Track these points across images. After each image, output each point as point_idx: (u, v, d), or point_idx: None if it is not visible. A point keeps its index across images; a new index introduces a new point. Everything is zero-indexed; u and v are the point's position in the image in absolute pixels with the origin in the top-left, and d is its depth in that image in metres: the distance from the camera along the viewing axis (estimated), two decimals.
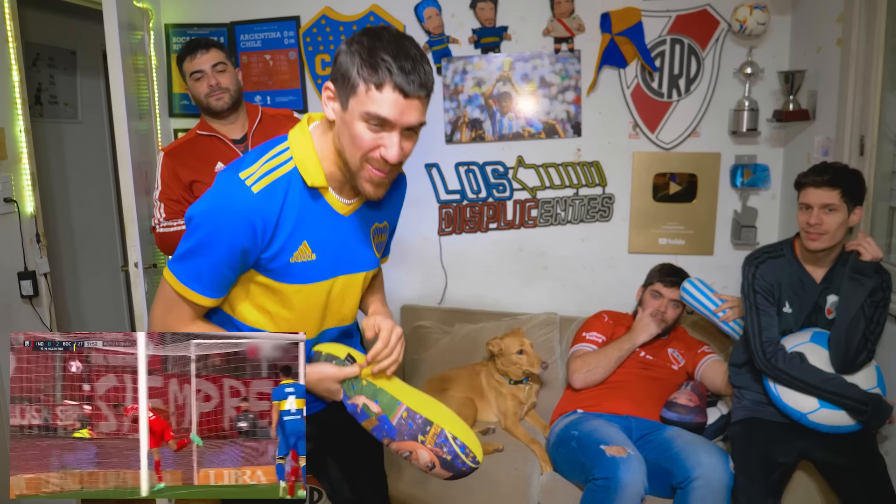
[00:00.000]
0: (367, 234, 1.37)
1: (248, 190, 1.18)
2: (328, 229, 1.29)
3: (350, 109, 1.14)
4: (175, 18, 3.02)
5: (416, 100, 1.13)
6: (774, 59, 2.70)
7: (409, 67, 1.10)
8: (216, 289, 1.26)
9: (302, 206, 1.24)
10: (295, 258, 1.25)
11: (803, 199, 2.02)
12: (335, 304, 1.37)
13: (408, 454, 1.33)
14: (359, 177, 1.20)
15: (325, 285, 1.32)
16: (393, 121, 1.13)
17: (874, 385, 2.00)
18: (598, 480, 1.97)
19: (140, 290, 2.48)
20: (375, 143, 1.15)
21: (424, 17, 2.84)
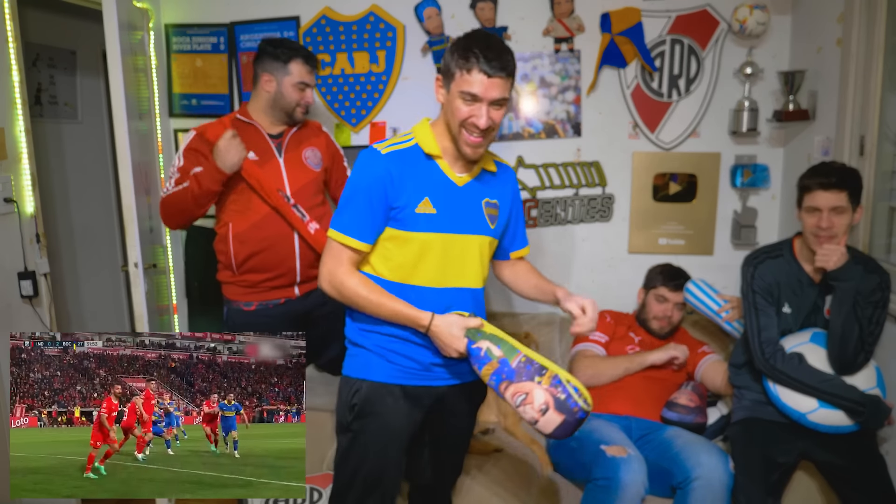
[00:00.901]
0: (479, 205, 1.67)
1: (378, 152, 1.60)
2: (446, 192, 1.62)
3: (451, 91, 1.55)
4: (175, 18, 3.02)
5: (497, 79, 1.50)
6: (774, 59, 2.70)
7: (491, 56, 1.48)
8: (366, 233, 1.59)
9: (421, 169, 1.61)
10: (419, 209, 1.59)
11: (811, 202, 1.98)
12: (456, 262, 1.64)
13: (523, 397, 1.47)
14: (460, 141, 1.58)
15: (445, 238, 1.62)
16: (481, 95, 1.51)
17: (874, 385, 2.00)
18: (599, 480, 1.97)
19: (140, 290, 2.48)
20: (469, 114, 1.53)
21: (424, 18, 2.84)
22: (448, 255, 1.63)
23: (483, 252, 1.70)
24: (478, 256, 1.68)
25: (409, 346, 1.66)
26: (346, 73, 2.95)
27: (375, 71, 2.93)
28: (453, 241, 1.63)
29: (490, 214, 1.70)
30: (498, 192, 1.73)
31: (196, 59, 3.03)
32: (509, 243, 1.84)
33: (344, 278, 1.60)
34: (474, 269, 1.68)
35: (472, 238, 1.66)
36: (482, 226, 1.68)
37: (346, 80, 2.95)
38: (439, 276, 1.63)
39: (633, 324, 2.59)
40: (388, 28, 2.89)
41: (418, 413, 1.70)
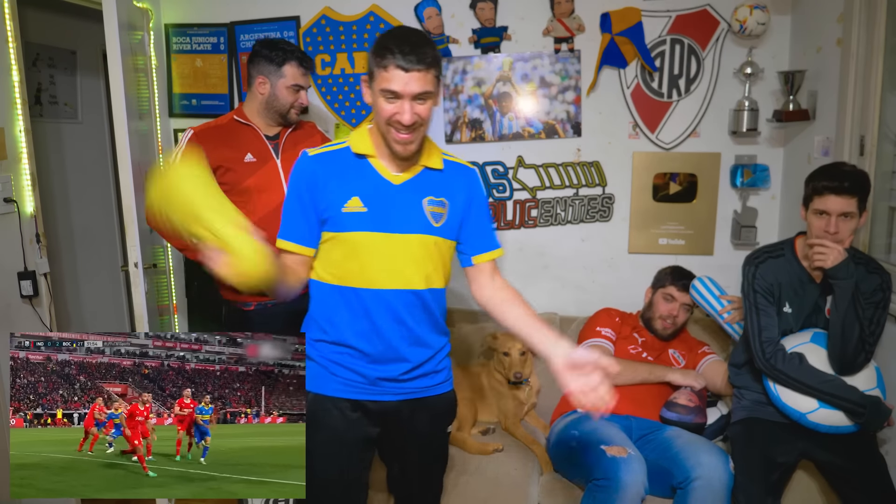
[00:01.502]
0: (419, 203, 1.61)
1: (306, 155, 1.62)
2: (378, 191, 1.59)
3: (374, 91, 1.52)
4: (175, 18, 3.02)
5: (416, 73, 1.45)
6: (774, 59, 2.70)
7: (407, 50, 1.44)
8: (303, 237, 1.60)
9: (350, 168, 1.60)
10: (346, 209, 1.56)
11: (821, 205, 1.96)
12: (396, 262, 1.59)
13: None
14: (389, 139, 1.54)
15: (380, 237, 1.58)
16: (400, 91, 1.47)
17: (874, 386, 1.99)
18: (599, 481, 1.97)
19: (140, 290, 2.48)
20: (393, 111, 1.49)
21: (424, 17, 2.84)
22: (385, 254, 1.58)
23: (430, 252, 1.62)
24: (421, 256, 1.61)
25: (356, 360, 1.62)
26: (346, 73, 2.95)
27: None
28: (390, 240, 1.58)
29: (433, 212, 1.62)
30: (446, 191, 1.64)
31: (196, 59, 3.03)
32: (470, 247, 1.71)
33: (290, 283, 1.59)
34: (415, 269, 1.61)
35: (412, 237, 1.59)
36: (423, 224, 1.60)
37: (346, 80, 2.95)
38: (379, 276, 1.58)
39: (636, 324, 2.59)
40: (389, 28, 2.89)
41: (368, 426, 1.65)
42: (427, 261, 1.62)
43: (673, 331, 2.52)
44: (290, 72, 2.24)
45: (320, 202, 1.58)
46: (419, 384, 1.67)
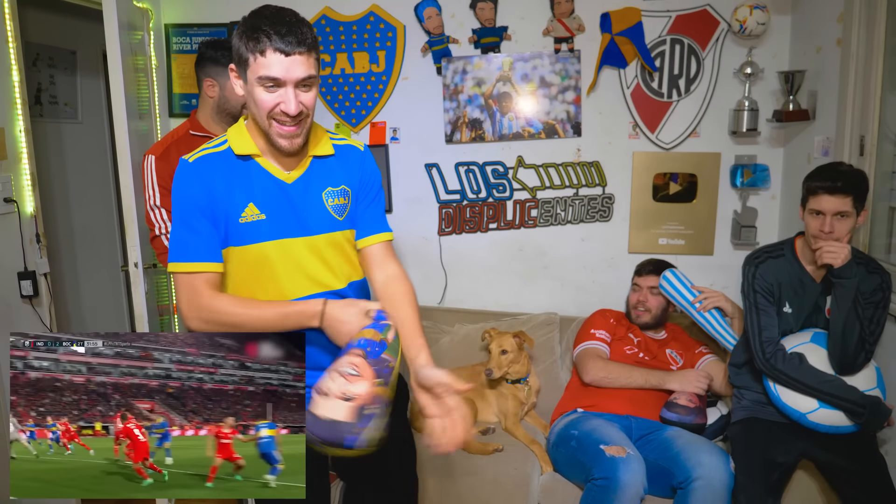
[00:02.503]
0: (318, 198, 1.47)
1: (186, 162, 1.42)
2: (273, 193, 1.43)
3: (249, 80, 1.34)
4: (175, 18, 3.02)
5: (297, 56, 1.30)
6: (774, 59, 2.70)
7: (284, 31, 1.29)
8: (205, 252, 1.39)
9: (238, 172, 1.42)
10: (244, 218, 1.40)
11: (815, 205, 1.97)
12: (306, 268, 1.46)
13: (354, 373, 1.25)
14: (271, 136, 1.38)
15: (283, 244, 1.43)
16: (282, 78, 1.31)
17: (874, 386, 1.99)
18: (598, 480, 1.97)
19: (140, 290, 2.48)
20: (275, 102, 1.33)
21: (424, 17, 2.84)
22: (292, 262, 1.44)
23: (341, 248, 1.51)
24: (334, 255, 1.49)
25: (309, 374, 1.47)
26: (346, 73, 2.95)
27: (375, 71, 2.93)
28: (293, 245, 1.44)
29: (336, 205, 1.49)
30: (343, 177, 1.51)
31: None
32: (361, 229, 1.55)
33: (209, 304, 1.38)
34: (334, 269, 1.49)
35: (317, 239, 1.46)
36: (327, 221, 1.47)
37: (346, 80, 2.95)
38: (293, 286, 1.45)
39: (630, 325, 2.59)
40: (389, 28, 2.89)
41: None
42: (340, 258, 1.51)
43: (652, 319, 2.52)
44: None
45: (218, 211, 1.40)
46: None
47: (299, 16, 1.35)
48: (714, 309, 2.43)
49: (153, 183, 2.13)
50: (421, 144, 2.94)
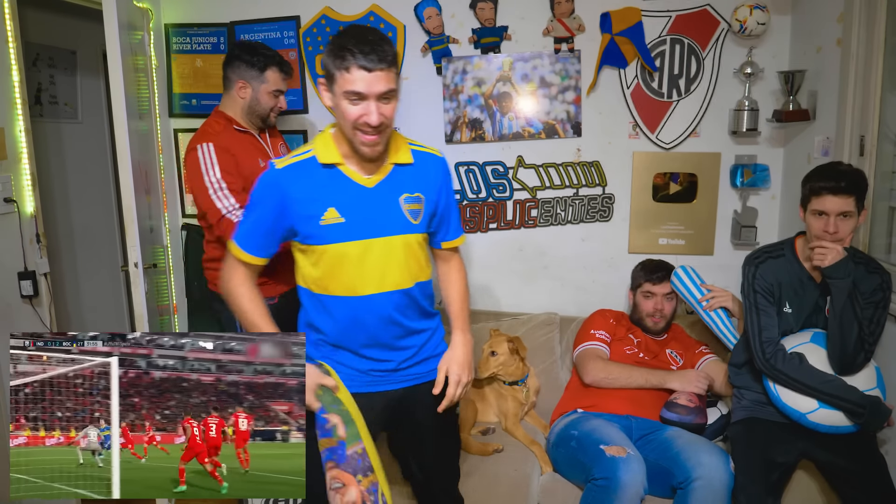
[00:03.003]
0: (396, 203, 1.62)
1: (273, 167, 1.59)
2: (353, 198, 1.58)
3: (336, 94, 1.50)
4: (175, 18, 3.02)
5: (379, 72, 1.45)
6: (774, 59, 2.70)
7: (367, 50, 1.44)
8: (256, 248, 1.61)
9: (321, 179, 1.58)
10: (324, 221, 1.56)
11: (819, 205, 1.96)
12: (377, 267, 1.60)
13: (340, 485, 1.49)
14: (355, 144, 1.53)
15: (361, 245, 1.58)
16: (365, 92, 1.46)
17: (874, 386, 1.99)
18: (598, 480, 1.97)
19: (140, 290, 2.48)
20: (358, 114, 1.48)
21: (424, 17, 2.84)
22: (367, 261, 1.59)
23: (412, 250, 1.65)
24: (403, 257, 1.63)
25: (348, 355, 1.68)
26: None
27: None
28: (370, 246, 1.59)
29: (411, 210, 1.64)
30: (419, 185, 1.66)
31: (196, 59, 3.03)
32: (442, 234, 1.78)
33: (234, 287, 1.64)
34: (400, 270, 1.63)
35: (393, 239, 1.62)
36: (402, 224, 1.62)
37: None
38: (365, 283, 1.60)
39: (630, 325, 2.59)
40: (388, 28, 2.89)
41: (372, 416, 1.66)
42: (411, 259, 1.65)
43: (665, 324, 2.52)
44: (272, 77, 2.28)
45: (292, 215, 1.57)
46: (420, 370, 1.72)
47: (381, 34, 1.51)
48: (720, 308, 2.43)
49: (215, 169, 2.15)
50: None
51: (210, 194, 2.16)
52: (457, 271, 1.85)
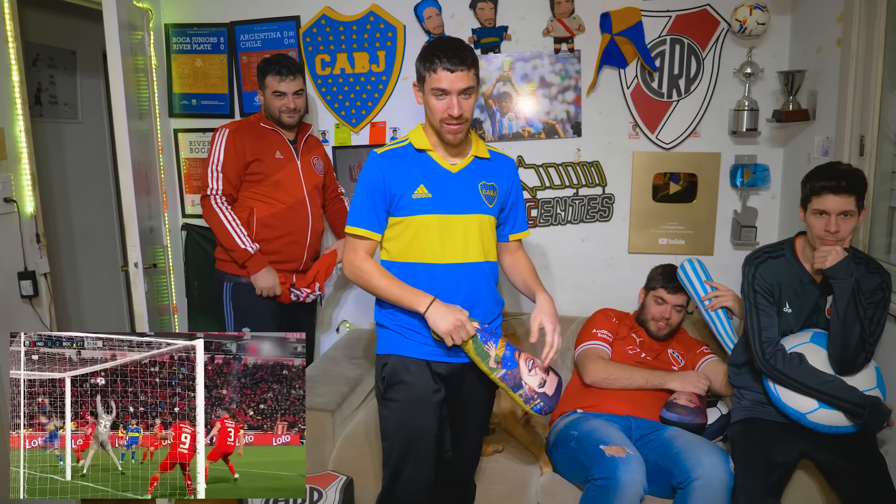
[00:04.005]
0: (475, 187, 1.88)
1: (375, 153, 1.88)
2: (440, 179, 1.85)
3: (426, 92, 1.80)
4: (175, 18, 3.02)
5: (460, 72, 1.74)
6: (774, 59, 2.70)
7: (451, 54, 1.74)
8: (373, 223, 1.84)
9: (415, 162, 1.85)
10: (416, 195, 1.82)
11: (820, 205, 1.96)
12: (457, 239, 1.84)
13: (532, 362, 1.85)
14: (442, 132, 1.81)
15: (443, 218, 1.83)
16: (448, 89, 1.75)
17: (874, 386, 1.99)
18: (598, 480, 1.96)
19: (140, 290, 2.48)
20: (444, 107, 1.77)
21: (424, 17, 2.84)
22: (448, 232, 1.83)
23: (484, 229, 1.89)
24: (478, 233, 1.87)
25: (421, 325, 1.83)
26: (346, 73, 2.95)
27: (375, 71, 2.93)
28: (452, 220, 1.84)
29: (487, 195, 1.90)
30: (494, 176, 1.93)
31: (196, 59, 3.04)
32: (510, 227, 2.02)
33: (360, 264, 1.84)
34: (476, 244, 1.87)
35: (471, 217, 1.86)
36: (479, 205, 1.88)
37: (346, 80, 2.96)
38: (444, 252, 1.83)
39: (633, 324, 2.59)
40: (389, 28, 2.89)
41: (440, 385, 1.86)
42: (484, 237, 1.89)
43: (668, 331, 2.51)
44: (270, 81, 2.54)
45: (391, 192, 1.82)
46: None
47: (464, 42, 1.81)
48: (721, 309, 2.43)
49: (220, 149, 2.52)
50: None
51: (209, 168, 2.53)
52: (524, 255, 2.08)
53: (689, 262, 2.48)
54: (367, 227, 1.85)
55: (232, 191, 2.54)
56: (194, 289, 3.11)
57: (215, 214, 2.51)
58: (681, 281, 2.48)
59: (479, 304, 1.89)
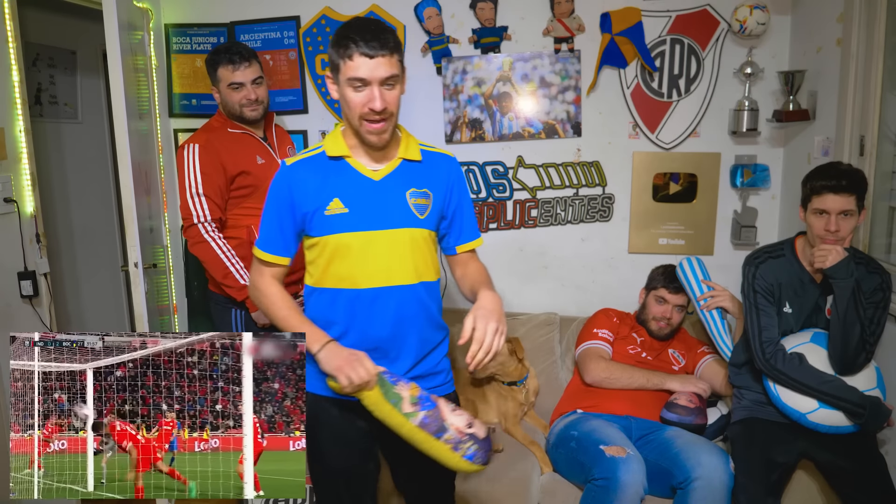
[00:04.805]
0: (402, 196, 1.60)
1: (284, 165, 1.61)
2: (359, 189, 1.57)
3: (341, 84, 1.51)
4: (175, 18, 3.02)
5: (381, 58, 1.47)
6: (774, 59, 2.70)
7: (369, 37, 1.46)
8: (278, 247, 1.61)
9: (328, 171, 1.58)
10: (329, 211, 1.55)
11: (820, 204, 1.97)
12: (382, 260, 1.57)
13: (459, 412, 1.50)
14: (362, 134, 1.54)
15: (363, 236, 1.56)
16: (368, 78, 1.48)
17: (874, 386, 1.99)
18: (598, 481, 1.97)
19: (140, 290, 2.48)
20: (363, 100, 1.49)
21: (424, 17, 2.84)
22: (370, 252, 1.56)
23: (418, 245, 1.61)
24: (409, 251, 1.59)
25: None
26: None
27: None
28: (374, 238, 1.56)
29: (418, 204, 1.61)
30: (427, 181, 1.63)
31: (196, 59, 3.03)
32: (455, 237, 1.73)
33: (264, 289, 1.63)
34: (406, 264, 1.59)
35: (399, 232, 1.58)
36: (408, 217, 1.59)
37: None
38: (368, 276, 1.57)
39: (634, 324, 2.59)
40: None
41: (362, 423, 1.58)
42: (416, 254, 1.60)
43: (669, 331, 2.51)
44: (222, 74, 2.28)
45: (301, 210, 1.57)
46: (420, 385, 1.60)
47: (383, 24, 1.53)
48: (717, 309, 2.43)
49: (195, 171, 2.22)
50: None
51: (187, 197, 2.23)
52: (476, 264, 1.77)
53: (688, 261, 2.49)
54: (273, 251, 1.61)
55: (220, 213, 2.26)
56: (194, 289, 3.11)
57: (207, 246, 2.22)
58: (679, 279, 2.48)
59: (412, 331, 1.61)
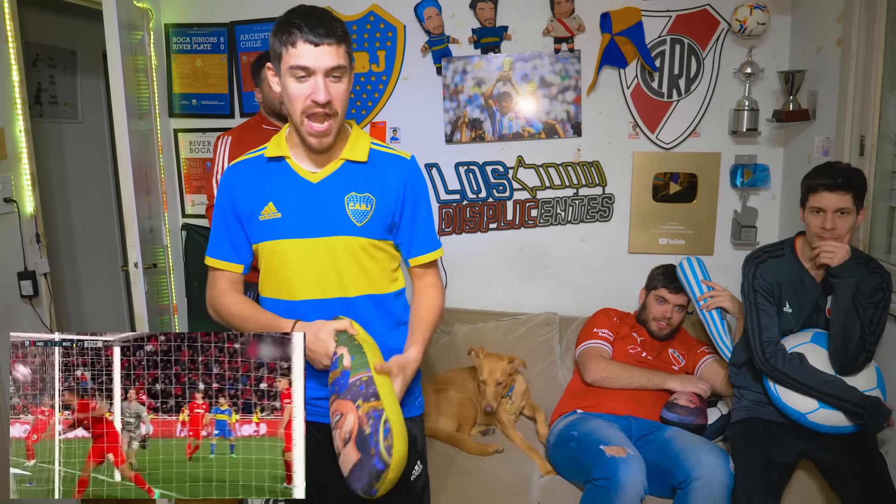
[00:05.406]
0: (339, 202, 1.47)
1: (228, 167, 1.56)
2: (294, 193, 1.47)
3: (283, 73, 1.39)
4: (175, 18, 3.02)
5: (326, 46, 1.35)
6: (774, 59, 2.70)
7: (314, 23, 1.35)
8: (228, 253, 1.53)
9: (266, 173, 1.50)
10: (263, 216, 1.47)
11: (816, 202, 1.98)
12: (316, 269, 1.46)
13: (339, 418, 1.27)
14: (303, 134, 1.42)
15: (297, 244, 1.46)
16: (312, 67, 1.36)
17: (874, 386, 1.99)
18: (598, 481, 1.96)
19: (140, 290, 2.48)
20: (306, 92, 1.37)
21: (424, 17, 2.84)
22: (306, 262, 1.45)
23: (356, 255, 1.47)
24: (350, 260, 1.47)
25: None
26: None
27: (375, 71, 2.93)
28: (308, 245, 1.45)
29: (356, 210, 1.47)
30: (372, 185, 1.49)
31: (196, 59, 3.04)
32: (406, 248, 1.57)
33: (221, 301, 1.53)
34: (345, 275, 1.47)
35: (334, 240, 1.45)
36: (344, 224, 1.46)
37: None
38: (303, 287, 1.46)
39: (634, 324, 2.59)
40: (389, 28, 2.89)
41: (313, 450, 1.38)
42: (354, 266, 1.47)
43: (669, 331, 2.51)
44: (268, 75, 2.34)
45: (239, 213, 1.49)
46: None
47: (330, 13, 1.41)
48: (716, 309, 2.43)
49: (224, 160, 2.39)
50: (421, 144, 2.93)
51: (213, 182, 2.38)
52: (427, 288, 1.59)
53: (688, 261, 2.49)
54: (223, 257, 1.52)
55: None
56: (194, 289, 3.11)
57: None
58: (679, 279, 2.48)
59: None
